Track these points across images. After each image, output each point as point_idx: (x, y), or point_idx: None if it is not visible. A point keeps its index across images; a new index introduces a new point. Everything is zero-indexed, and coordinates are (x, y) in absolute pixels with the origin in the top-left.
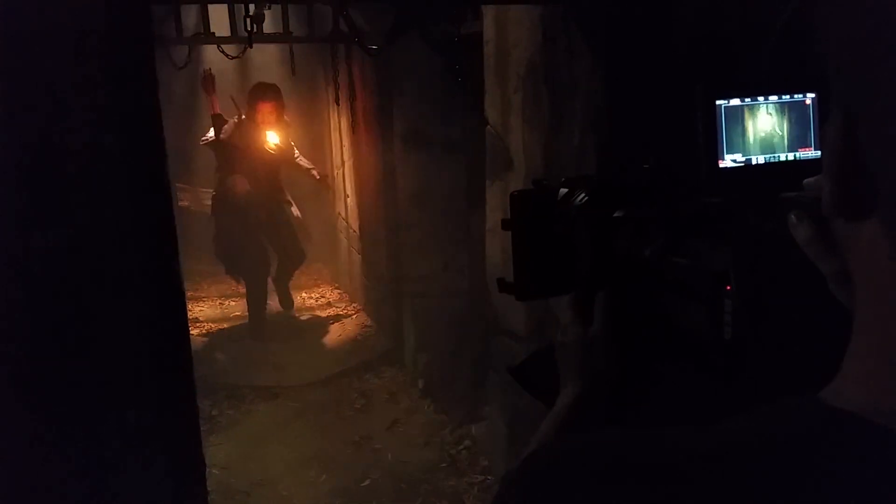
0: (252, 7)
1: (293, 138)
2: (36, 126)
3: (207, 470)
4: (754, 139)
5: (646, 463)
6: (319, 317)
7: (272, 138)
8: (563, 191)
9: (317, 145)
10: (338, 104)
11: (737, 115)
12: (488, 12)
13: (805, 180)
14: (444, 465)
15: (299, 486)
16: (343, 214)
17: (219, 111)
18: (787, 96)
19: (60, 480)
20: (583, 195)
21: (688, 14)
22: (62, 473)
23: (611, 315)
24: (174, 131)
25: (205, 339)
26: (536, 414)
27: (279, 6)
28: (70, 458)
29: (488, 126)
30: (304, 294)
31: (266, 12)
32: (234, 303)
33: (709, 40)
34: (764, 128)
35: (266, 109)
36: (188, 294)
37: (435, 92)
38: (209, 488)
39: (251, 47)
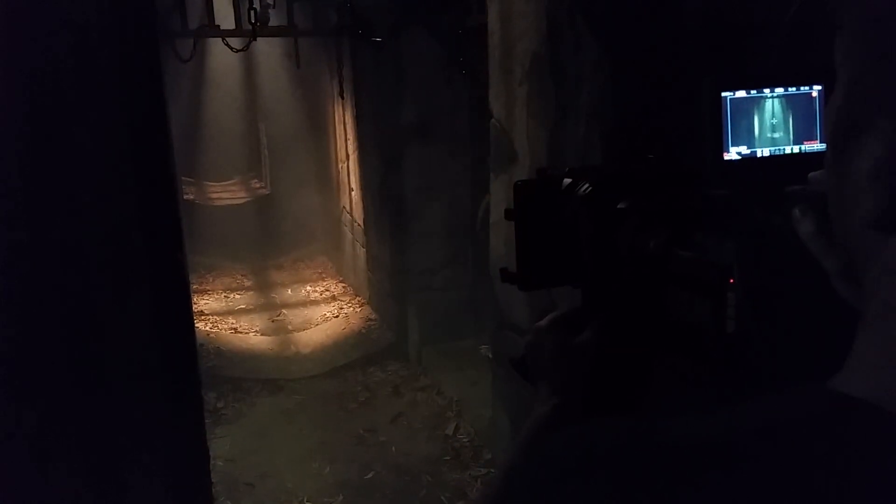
0: (256, 0)
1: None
2: (41, 119)
3: (212, 462)
4: (760, 131)
5: (651, 450)
6: (324, 310)
7: None
8: (567, 181)
9: (321, 139)
10: (342, 97)
11: (742, 108)
12: (493, 4)
13: (810, 174)
14: (447, 457)
15: (304, 478)
16: (348, 208)
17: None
18: (794, 88)
19: (65, 472)
20: (586, 185)
21: (694, 6)
22: (67, 464)
23: (605, 331)
24: (180, 124)
25: (210, 331)
26: None
27: (284, 0)
28: (75, 449)
29: (493, 119)
30: (308, 287)
31: (270, 3)
32: (238, 296)
33: (715, 32)
34: (769, 120)
35: None
36: (193, 287)
37: (440, 84)
38: (214, 480)
39: (255, 40)
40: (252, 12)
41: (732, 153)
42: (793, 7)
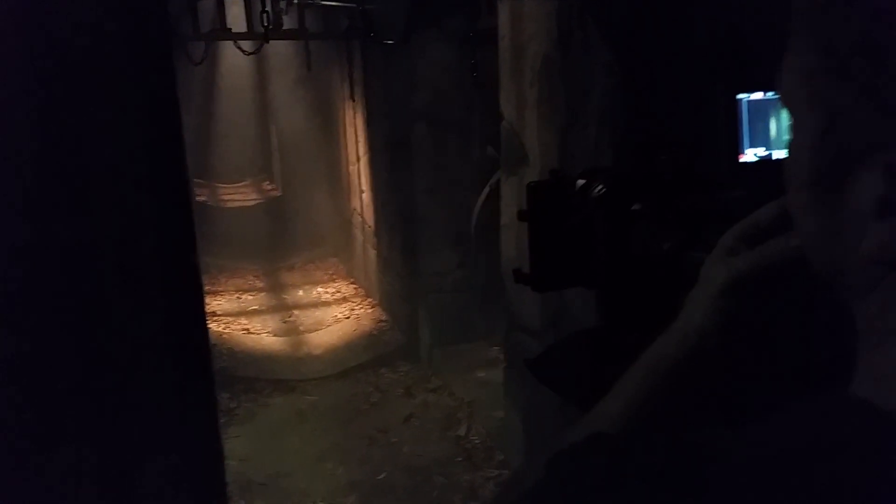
0: (269, 3)
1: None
2: (56, 120)
3: (225, 462)
4: (777, 133)
5: (692, 464)
6: (336, 311)
7: None
8: (581, 182)
9: (332, 141)
10: (353, 100)
11: (759, 109)
12: (503, 7)
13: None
14: (459, 458)
15: (316, 478)
16: (358, 209)
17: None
18: None
19: (79, 472)
20: (600, 187)
21: (709, 7)
22: (81, 465)
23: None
24: (191, 127)
25: (222, 332)
26: (552, 408)
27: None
28: (90, 450)
29: (503, 121)
30: (319, 289)
31: (282, 8)
32: (250, 297)
33: (731, 33)
34: (786, 122)
35: None
36: (205, 288)
37: (451, 87)
38: (227, 480)
39: (268, 42)
40: (265, 15)
41: (749, 155)
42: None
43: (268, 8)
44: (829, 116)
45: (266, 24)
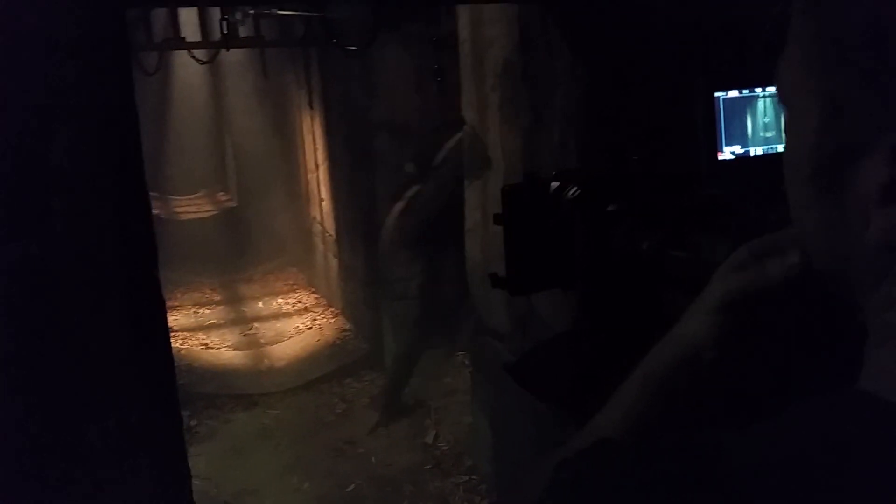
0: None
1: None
2: (11, 133)
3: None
4: (753, 130)
5: (705, 468)
6: (297, 322)
7: None
8: (555, 184)
9: (289, 150)
10: (311, 107)
11: (735, 107)
12: (463, 12)
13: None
14: (428, 466)
15: (283, 494)
16: (318, 218)
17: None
18: None
19: (41, 494)
20: (575, 189)
21: (683, 5)
22: (43, 486)
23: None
24: (144, 138)
25: (180, 348)
26: (520, 413)
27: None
28: (51, 470)
29: (465, 125)
30: (280, 300)
31: (239, 17)
32: (208, 311)
33: (703, 32)
34: (762, 119)
35: None
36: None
37: (413, 92)
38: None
39: (228, 50)
40: (223, 23)
41: (726, 152)
42: (777, 6)
43: (226, 15)
44: (834, 106)
45: (223, 32)
